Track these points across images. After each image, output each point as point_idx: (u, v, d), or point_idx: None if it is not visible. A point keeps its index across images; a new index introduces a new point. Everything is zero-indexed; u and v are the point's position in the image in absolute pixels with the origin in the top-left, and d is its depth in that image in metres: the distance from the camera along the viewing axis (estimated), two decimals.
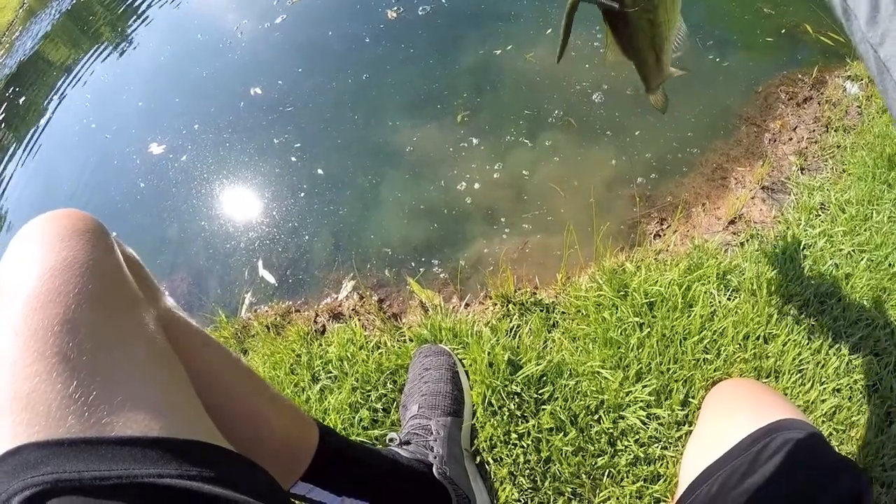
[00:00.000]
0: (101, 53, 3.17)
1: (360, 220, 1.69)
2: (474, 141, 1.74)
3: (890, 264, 1.28)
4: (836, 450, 1.06)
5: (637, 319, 1.20)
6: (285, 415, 0.82)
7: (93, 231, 0.56)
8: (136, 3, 3.39)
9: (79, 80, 3.05)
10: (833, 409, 1.10)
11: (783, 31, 1.85)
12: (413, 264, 1.54)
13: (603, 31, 0.65)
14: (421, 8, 2.16)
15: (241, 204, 1.87)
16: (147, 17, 3.23)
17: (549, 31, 1.95)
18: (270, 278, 1.63)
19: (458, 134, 1.77)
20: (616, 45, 0.65)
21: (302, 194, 1.79)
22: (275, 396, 0.83)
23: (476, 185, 1.65)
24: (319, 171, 1.83)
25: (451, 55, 2.00)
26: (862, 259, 1.28)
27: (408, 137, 1.82)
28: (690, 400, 1.11)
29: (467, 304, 1.40)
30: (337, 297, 1.50)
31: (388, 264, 1.56)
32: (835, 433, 1.09)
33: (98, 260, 0.53)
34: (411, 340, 1.29)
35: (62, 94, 3.04)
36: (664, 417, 1.09)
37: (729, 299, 1.23)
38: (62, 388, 0.45)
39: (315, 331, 1.42)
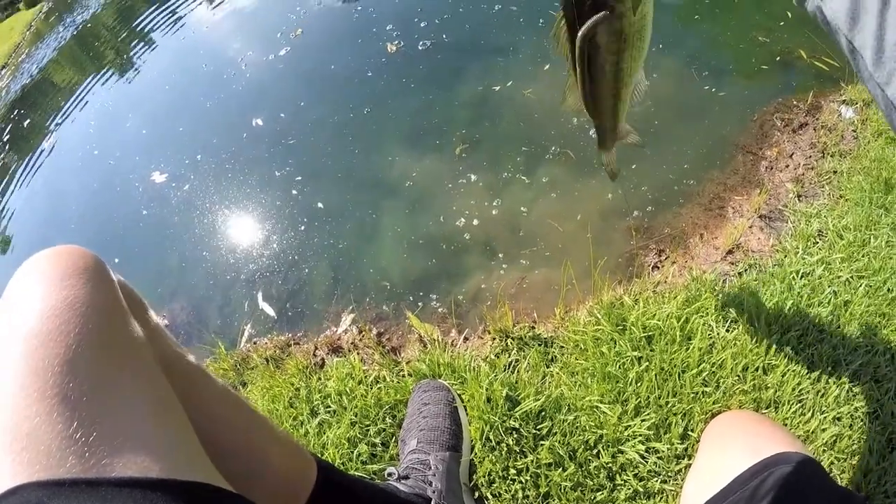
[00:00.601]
0: (106, 78, 3.21)
1: (359, 254, 1.70)
2: (473, 177, 1.75)
3: (888, 289, 1.28)
4: (837, 480, 1.05)
5: (635, 353, 1.20)
6: (284, 450, 0.82)
7: (94, 269, 0.56)
8: (143, 30, 3.44)
9: (84, 104, 3.09)
10: (834, 437, 1.09)
11: (778, 58, 1.87)
12: (411, 298, 1.55)
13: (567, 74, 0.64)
14: (421, 43, 2.19)
15: (241, 235, 1.88)
16: (154, 44, 3.27)
17: (548, 66, 1.97)
18: (270, 311, 1.64)
19: (457, 170, 1.78)
20: (580, 86, 0.64)
21: (302, 227, 1.81)
22: (274, 431, 0.83)
23: (475, 221, 1.66)
24: (319, 205, 1.85)
25: (450, 90, 2.02)
26: (860, 285, 1.28)
27: (407, 172, 1.84)
28: (689, 433, 1.11)
29: (466, 339, 1.40)
30: (336, 331, 1.51)
31: (387, 298, 1.57)
32: (836, 462, 1.08)
33: (99, 299, 0.54)
34: (410, 375, 1.29)
35: (67, 117, 3.08)
36: (663, 451, 1.09)
37: (727, 331, 1.23)
38: (63, 428, 0.45)
39: (314, 364, 1.42)
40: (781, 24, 1.96)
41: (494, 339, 1.33)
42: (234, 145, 2.17)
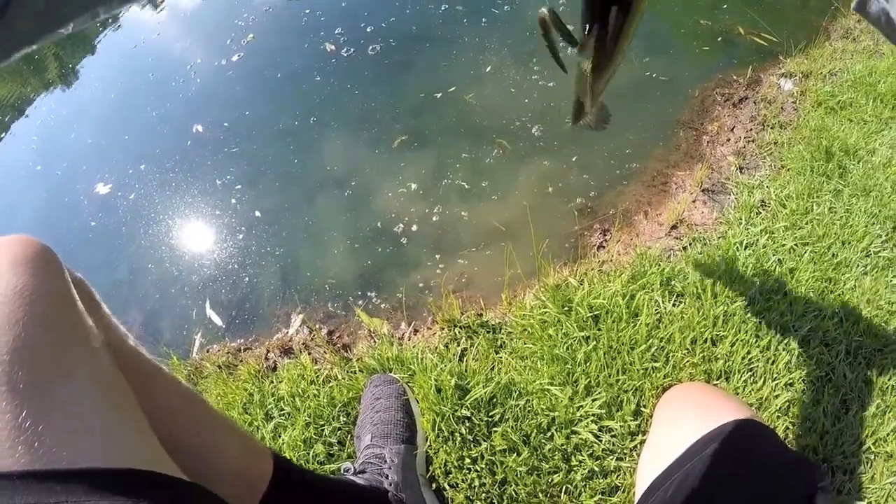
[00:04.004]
0: (51, 88, 3.13)
1: (301, 258, 1.67)
2: (413, 185, 1.73)
3: (833, 255, 1.30)
4: (794, 445, 1.07)
5: (582, 334, 1.19)
6: (238, 443, 0.82)
7: (43, 258, 0.55)
8: (89, 40, 3.35)
9: (26, 116, 3.00)
10: (787, 403, 1.11)
11: (719, 38, 1.89)
12: (355, 297, 1.54)
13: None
14: (371, 48, 2.16)
15: (186, 245, 1.84)
16: (100, 53, 3.20)
17: (489, 68, 1.96)
18: (217, 319, 1.60)
19: (398, 178, 1.76)
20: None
21: (241, 235, 1.78)
22: (229, 426, 0.82)
23: (414, 227, 1.64)
24: (257, 214, 1.82)
25: (392, 96, 2.00)
26: (805, 252, 1.30)
27: (347, 179, 1.81)
28: (642, 409, 1.11)
29: (416, 331, 1.38)
30: (287, 333, 1.48)
31: (334, 296, 1.55)
32: (791, 427, 1.09)
33: (48, 288, 0.53)
34: (361, 371, 1.27)
35: (10, 131, 2.98)
36: (617, 429, 1.09)
37: (674, 305, 1.24)
38: (11, 418, 0.44)
39: (267, 368, 1.39)
40: (725, 6, 1.98)
41: (443, 329, 1.32)
42: (178, 154, 2.12)
